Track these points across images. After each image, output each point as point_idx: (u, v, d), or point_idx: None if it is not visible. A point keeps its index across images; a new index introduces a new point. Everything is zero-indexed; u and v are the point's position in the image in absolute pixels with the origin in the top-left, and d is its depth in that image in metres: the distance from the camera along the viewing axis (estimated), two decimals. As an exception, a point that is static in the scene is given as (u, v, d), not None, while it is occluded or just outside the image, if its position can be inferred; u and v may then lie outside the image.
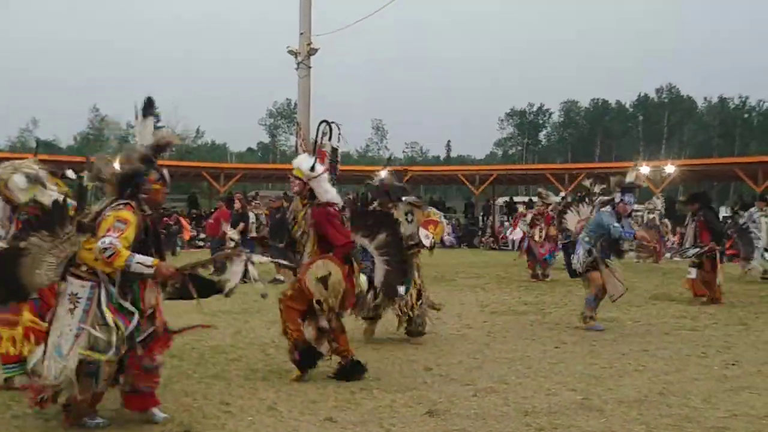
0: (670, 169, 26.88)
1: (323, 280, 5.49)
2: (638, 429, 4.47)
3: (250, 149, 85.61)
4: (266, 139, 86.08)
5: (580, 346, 7.32)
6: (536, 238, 14.69)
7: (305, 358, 5.65)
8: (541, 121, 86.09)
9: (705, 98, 79.98)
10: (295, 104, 18.58)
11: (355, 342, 7.36)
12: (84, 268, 4.25)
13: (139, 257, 4.18)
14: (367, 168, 39.11)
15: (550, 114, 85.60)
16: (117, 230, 4.16)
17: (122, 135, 79.52)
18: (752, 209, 14.30)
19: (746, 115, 77.86)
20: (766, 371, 6.12)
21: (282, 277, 13.57)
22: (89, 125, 78.49)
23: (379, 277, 6.35)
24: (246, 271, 4.67)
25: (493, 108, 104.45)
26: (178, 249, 24.33)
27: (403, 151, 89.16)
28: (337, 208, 5.87)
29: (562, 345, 7.35)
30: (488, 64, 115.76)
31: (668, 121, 75.70)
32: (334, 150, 6.96)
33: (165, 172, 4.77)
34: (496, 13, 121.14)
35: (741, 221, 13.53)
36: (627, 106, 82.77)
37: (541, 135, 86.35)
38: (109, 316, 4.18)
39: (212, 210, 24.46)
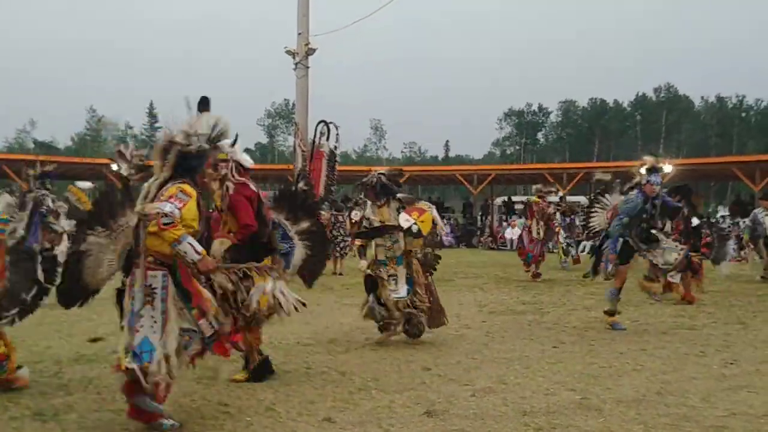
0: (667, 168, 26.85)
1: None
2: (636, 428, 4.47)
3: (247, 150, 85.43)
4: (264, 140, 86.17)
5: (578, 345, 7.32)
6: (533, 234, 14.57)
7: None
8: (539, 121, 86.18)
9: (702, 97, 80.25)
10: (294, 105, 18.54)
11: (353, 342, 7.38)
12: (151, 258, 4.16)
13: (191, 239, 4.09)
14: (365, 168, 39.14)
15: (548, 114, 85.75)
16: (179, 200, 4.09)
17: (120, 135, 79.54)
18: (756, 210, 14.26)
19: (743, 114, 78.01)
20: (764, 370, 6.12)
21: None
22: (87, 126, 78.45)
23: (296, 260, 5.97)
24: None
25: (491, 108, 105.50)
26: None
27: (402, 151, 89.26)
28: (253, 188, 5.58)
29: (560, 345, 7.35)
30: (487, 64, 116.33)
31: (666, 121, 75.83)
32: (332, 150, 6.96)
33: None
34: (495, 13, 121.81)
35: (724, 226, 13.90)
36: (625, 105, 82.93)
37: (539, 135, 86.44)
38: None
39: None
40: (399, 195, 7.51)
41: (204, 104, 4.67)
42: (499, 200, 35.79)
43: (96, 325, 8.29)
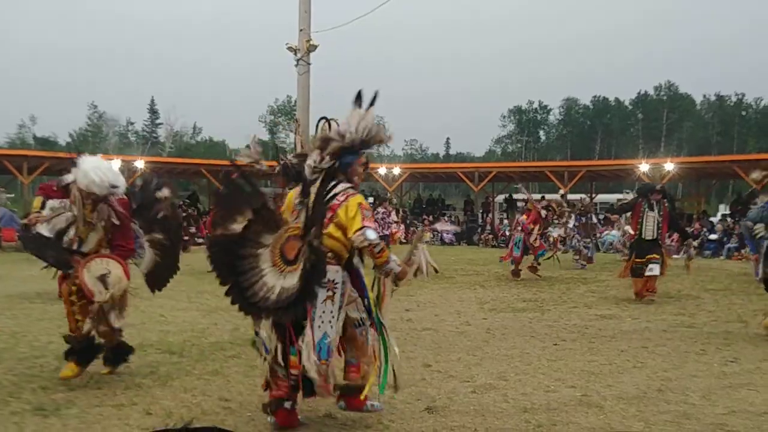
0: (669, 166, 26.88)
1: (103, 279, 5.25)
2: (637, 425, 4.48)
3: (248, 147, 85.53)
4: (266, 137, 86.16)
5: (578, 343, 7.32)
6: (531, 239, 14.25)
7: (85, 352, 5.44)
8: (540, 119, 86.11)
9: (705, 96, 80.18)
10: (296, 101, 18.53)
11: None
12: (330, 254, 4.17)
13: (393, 256, 4.25)
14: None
15: (550, 111, 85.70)
16: (370, 220, 4.14)
17: (121, 132, 79.56)
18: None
19: (744, 113, 77.93)
20: (764, 368, 6.12)
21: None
22: (88, 122, 78.45)
23: (146, 265, 5.89)
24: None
25: (492, 106, 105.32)
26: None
27: (403, 149, 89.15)
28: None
29: (560, 342, 7.35)
30: (489, 61, 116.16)
31: (667, 119, 75.75)
32: None
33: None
34: (497, 13, 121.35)
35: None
36: (626, 104, 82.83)
37: (541, 132, 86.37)
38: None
39: (210, 208, 24.47)
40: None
41: (359, 99, 4.40)
42: (500, 198, 35.76)
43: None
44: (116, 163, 27.89)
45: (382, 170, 32.09)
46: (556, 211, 15.47)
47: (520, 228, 14.19)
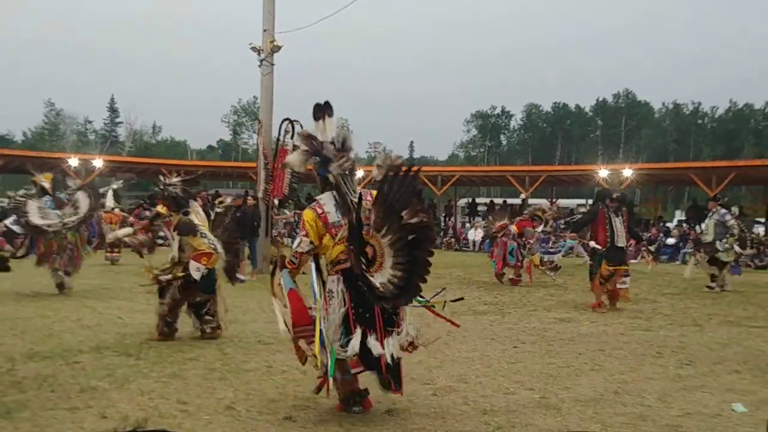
0: (627, 172, 27.36)
1: None
2: (594, 427, 4.53)
3: (210, 147, 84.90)
4: (228, 137, 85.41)
5: (538, 345, 7.40)
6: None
7: None
8: (503, 124, 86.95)
9: (663, 104, 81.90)
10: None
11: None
12: (331, 265, 4.63)
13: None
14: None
15: (512, 117, 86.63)
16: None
17: (80, 130, 78.07)
18: (722, 210, 13.80)
19: (700, 122, 79.81)
20: (718, 371, 6.26)
21: (242, 277, 13.46)
22: (45, 120, 76.81)
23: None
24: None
25: (456, 110, 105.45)
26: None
27: (366, 151, 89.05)
28: None
29: (520, 345, 7.42)
30: (452, 66, 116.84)
31: (626, 126, 77.18)
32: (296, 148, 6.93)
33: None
34: (462, 18, 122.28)
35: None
36: (587, 110, 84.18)
37: (503, 137, 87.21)
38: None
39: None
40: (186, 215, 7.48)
41: (328, 108, 4.82)
42: (462, 202, 36.01)
43: (52, 322, 8.14)
44: (74, 162, 27.41)
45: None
46: (542, 219, 15.45)
47: (511, 236, 13.99)
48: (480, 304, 10.72)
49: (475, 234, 28.78)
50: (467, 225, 31.47)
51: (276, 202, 15.18)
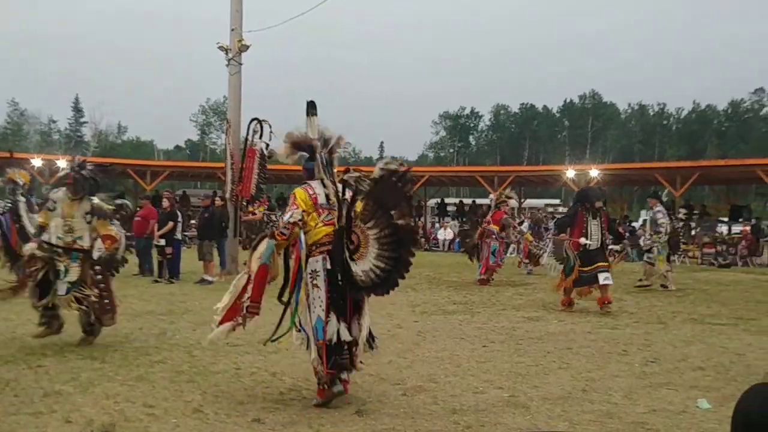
0: (594, 173, 27.70)
1: None
2: (562, 425, 4.57)
3: (177, 147, 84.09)
4: (195, 137, 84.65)
5: (507, 344, 7.45)
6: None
7: None
8: (472, 125, 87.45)
9: (629, 104, 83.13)
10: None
11: (283, 343, 7.30)
12: (314, 247, 4.93)
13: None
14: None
15: (480, 117, 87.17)
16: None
17: (43, 130, 76.69)
18: (657, 207, 13.62)
19: (665, 122, 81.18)
20: (683, 368, 6.36)
21: (210, 278, 13.34)
22: (7, 120, 75.26)
23: None
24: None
25: (426, 111, 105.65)
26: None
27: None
28: None
29: (489, 344, 7.46)
30: (422, 66, 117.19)
31: (592, 127, 78.15)
32: (263, 149, 6.92)
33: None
34: (430, 19, 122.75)
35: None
36: (554, 111, 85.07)
37: (472, 138, 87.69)
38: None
39: (137, 209, 23.81)
40: (97, 199, 7.19)
41: (312, 108, 5.39)
42: (432, 202, 36.13)
43: (15, 325, 7.97)
44: (37, 162, 26.91)
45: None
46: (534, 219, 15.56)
47: (494, 236, 13.92)
48: (449, 304, 10.76)
49: (445, 234, 28.92)
50: (437, 225, 31.59)
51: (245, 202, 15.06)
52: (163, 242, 13.62)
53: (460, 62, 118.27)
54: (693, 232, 18.22)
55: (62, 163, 27.61)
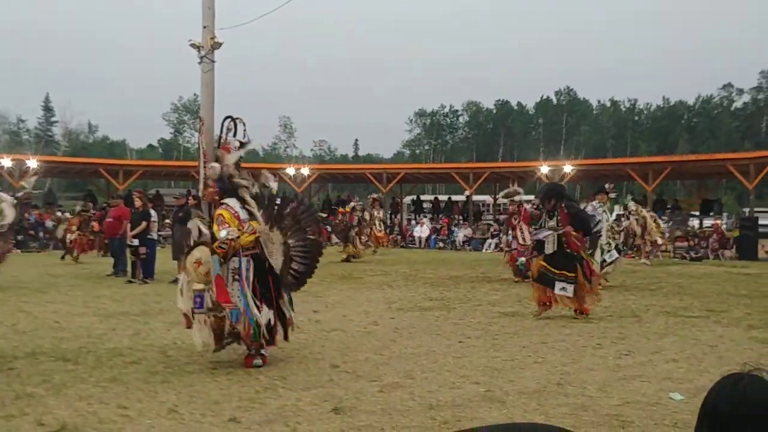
0: (567, 168, 27.94)
1: None
2: (538, 418, 4.60)
3: (151, 146, 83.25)
4: (169, 136, 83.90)
5: (483, 340, 7.48)
6: (519, 240, 13.81)
7: None
8: (449, 122, 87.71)
9: (599, 101, 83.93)
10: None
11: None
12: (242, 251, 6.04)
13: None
14: (274, 165, 38.66)
15: (459, 115, 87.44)
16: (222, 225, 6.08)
17: (12, 130, 75.40)
18: (594, 203, 13.06)
19: (636, 118, 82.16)
20: (656, 360, 6.44)
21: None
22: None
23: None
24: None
25: (401, 108, 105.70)
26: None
27: (311, 149, 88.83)
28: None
29: (465, 339, 7.49)
30: (397, 64, 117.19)
31: (566, 123, 78.80)
32: (242, 145, 7.01)
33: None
34: (405, 17, 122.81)
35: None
36: (528, 108, 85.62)
37: (448, 136, 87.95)
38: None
39: (103, 207, 23.60)
40: None
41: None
42: (407, 199, 36.21)
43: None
44: (7, 163, 26.47)
45: (290, 170, 31.79)
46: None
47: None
48: (426, 301, 10.79)
49: (421, 231, 28.98)
50: (413, 222, 31.65)
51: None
52: (136, 242, 13.47)
53: (436, 60, 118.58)
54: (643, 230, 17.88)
55: (32, 163, 27.27)
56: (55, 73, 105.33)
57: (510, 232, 14.55)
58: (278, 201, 6.61)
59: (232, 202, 6.17)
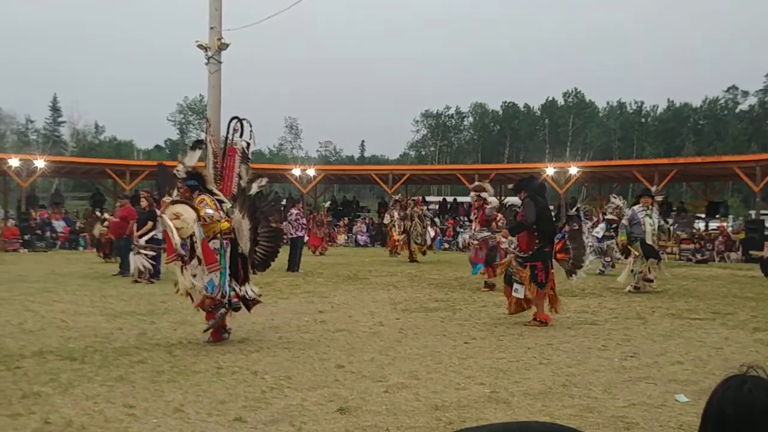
0: (573, 170, 27.90)
1: None
2: (543, 420, 4.59)
3: (158, 146, 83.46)
4: (175, 136, 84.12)
5: (488, 341, 7.48)
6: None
7: None
8: (454, 123, 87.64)
9: (608, 102, 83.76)
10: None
11: (265, 341, 7.30)
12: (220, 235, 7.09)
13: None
14: (280, 166, 38.75)
15: (464, 116, 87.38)
16: None
17: (20, 130, 75.73)
18: (635, 207, 12.69)
19: (643, 120, 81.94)
20: (662, 362, 6.43)
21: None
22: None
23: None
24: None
25: (407, 110, 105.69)
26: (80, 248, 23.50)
27: (317, 150, 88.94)
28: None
29: (471, 340, 7.50)
30: (403, 65, 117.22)
31: (573, 125, 78.61)
32: (245, 148, 7.15)
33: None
34: (413, 19, 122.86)
35: (573, 223, 9.98)
36: (535, 109, 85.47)
37: (453, 137, 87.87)
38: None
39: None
40: None
41: (198, 144, 7.74)
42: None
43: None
44: (15, 163, 26.59)
45: (296, 171, 31.82)
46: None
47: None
48: (431, 301, 10.79)
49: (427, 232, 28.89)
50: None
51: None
52: (143, 242, 13.50)
53: (443, 61, 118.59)
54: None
55: (40, 163, 27.39)
56: (63, 73, 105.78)
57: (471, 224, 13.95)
58: (245, 192, 7.36)
59: (207, 195, 7.13)
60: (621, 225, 12.96)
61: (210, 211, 6.87)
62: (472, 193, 14.20)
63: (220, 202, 7.24)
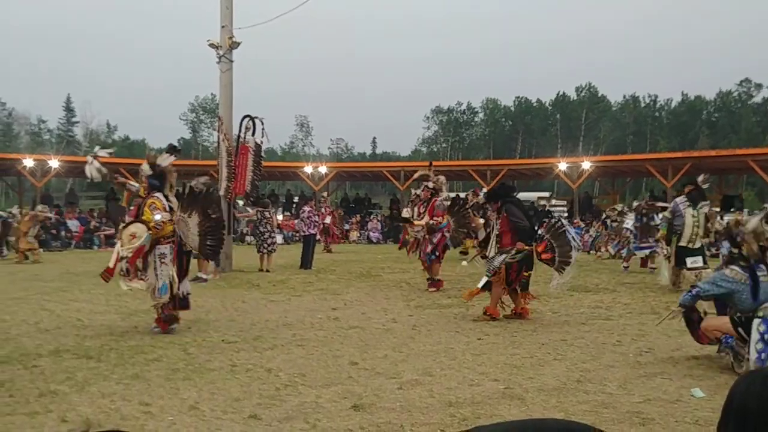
0: (586, 165, 27.77)
1: None
2: (557, 416, 4.58)
3: (172, 145, 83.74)
4: (187, 135, 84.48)
5: (502, 337, 7.47)
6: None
7: None
8: (466, 119, 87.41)
9: (624, 95, 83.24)
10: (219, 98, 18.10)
11: (279, 338, 7.32)
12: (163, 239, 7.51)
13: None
14: (292, 164, 38.81)
15: (476, 112, 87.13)
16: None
17: (33, 130, 76.33)
18: (678, 199, 11.94)
19: (657, 114, 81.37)
20: (677, 357, 6.40)
21: (204, 276, 13.31)
22: (-4, 120, 74.91)
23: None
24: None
25: (419, 106, 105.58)
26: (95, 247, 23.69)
27: (329, 147, 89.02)
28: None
29: (484, 337, 7.49)
30: (414, 62, 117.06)
31: (585, 120, 78.19)
32: (258, 145, 7.14)
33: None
34: (424, 15, 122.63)
35: (554, 221, 9.10)
36: (547, 104, 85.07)
37: (465, 133, 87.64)
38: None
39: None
40: None
41: (174, 150, 8.29)
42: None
43: (9, 326, 7.95)
44: (29, 163, 26.80)
45: (308, 169, 31.86)
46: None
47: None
48: (444, 298, 10.78)
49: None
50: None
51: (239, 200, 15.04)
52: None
53: (454, 58, 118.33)
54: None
55: (54, 163, 27.59)
56: (76, 74, 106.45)
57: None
58: (189, 191, 8.07)
59: (160, 195, 7.64)
60: (663, 218, 12.36)
61: (158, 217, 7.37)
62: (422, 185, 13.29)
63: (171, 208, 7.72)
